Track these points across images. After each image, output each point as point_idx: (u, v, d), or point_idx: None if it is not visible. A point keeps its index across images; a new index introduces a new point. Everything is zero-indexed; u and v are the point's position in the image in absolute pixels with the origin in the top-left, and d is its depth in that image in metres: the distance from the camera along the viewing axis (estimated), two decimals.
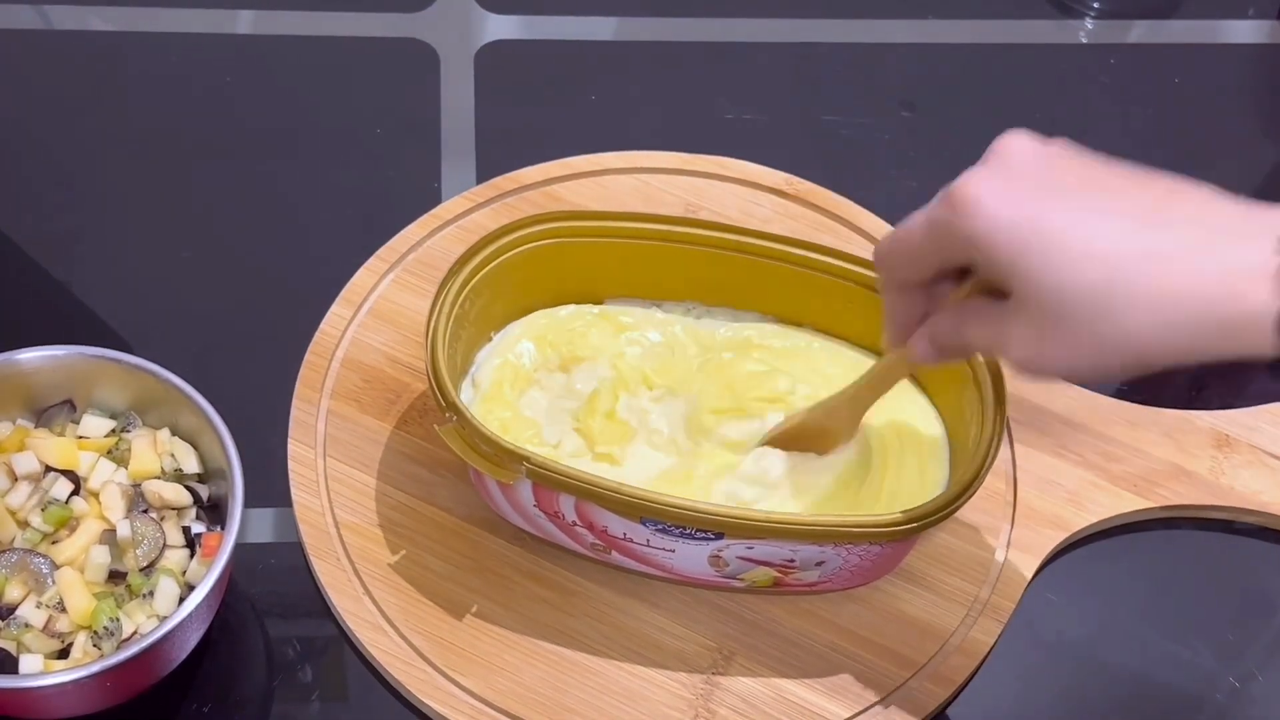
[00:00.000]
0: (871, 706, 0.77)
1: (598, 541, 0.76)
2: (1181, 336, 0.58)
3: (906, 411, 0.81)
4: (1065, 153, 0.62)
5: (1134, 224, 0.58)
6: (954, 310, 0.66)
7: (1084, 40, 1.10)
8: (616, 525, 0.74)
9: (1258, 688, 0.81)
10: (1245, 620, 0.84)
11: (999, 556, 0.82)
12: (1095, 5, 1.10)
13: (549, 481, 0.72)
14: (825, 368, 0.82)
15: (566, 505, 0.74)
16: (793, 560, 0.75)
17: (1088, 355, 0.60)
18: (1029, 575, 0.82)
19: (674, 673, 0.78)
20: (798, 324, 0.84)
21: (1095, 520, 0.84)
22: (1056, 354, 0.60)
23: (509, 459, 0.72)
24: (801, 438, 0.79)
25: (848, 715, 0.77)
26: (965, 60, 1.08)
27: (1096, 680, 0.81)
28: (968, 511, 0.76)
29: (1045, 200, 0.60)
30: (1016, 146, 0.62)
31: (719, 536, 0.73)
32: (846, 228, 0.94)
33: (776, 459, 0.78)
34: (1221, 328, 0.57)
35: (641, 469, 0.79)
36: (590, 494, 0.72)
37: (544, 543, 0.80)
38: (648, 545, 0.75)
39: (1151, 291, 0.58)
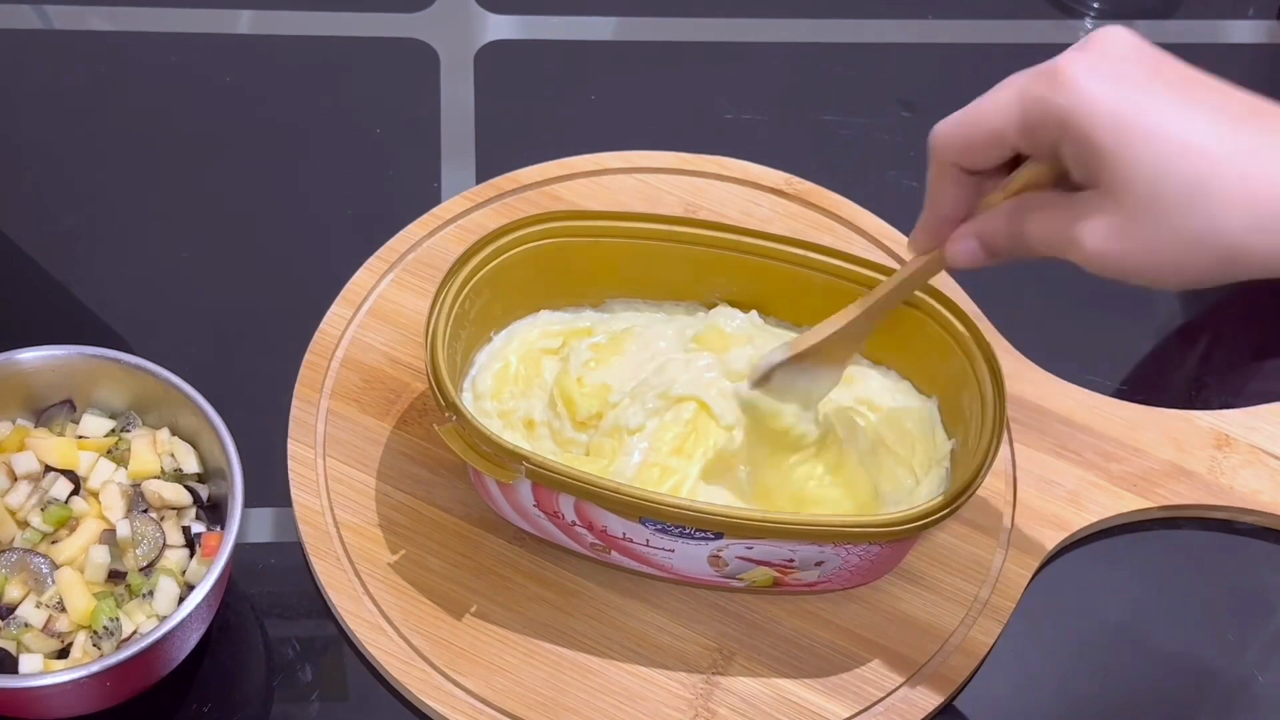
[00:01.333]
0: (871, 706, 0.77)
1: (597, 541, 0.76)
2: (1273, 238, 0.57)
3: (906, 410, 0.81)
4: (1162, 52, 0.61)
5: (1233, 124, 0.58)
6: (1010, 205, 0.63)
7: None
8: (616, 525, 0.74)
9: (1258, 688, 0.81)
10: (1245, 620, 0.84)
11: (999, 556, 0.82)
12: (1095, 5, 1.10)
13: (548, 481, 0.72)
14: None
15: (566, 505, 0.74)
16: (792, 560, 0.75)
17: (1173, 251, 0.58)
18: (1029, 575, 0.82)
19: (674, 673, 0.78)
20: (798, 323, 0.84)
21: (1095, 520, 0.84)
22: (1140, 248, 0.59)
23: (508, 458, 0.72)
24: (816, 354, 0.74)
25: (848, 715, 0.77)
26: (965, 60, 1.08)
27: (1096, 680, 0.81)
28: (968, 511, 0.76)
29: (1148, 89, 0.58)
30: (1117, 38, 0.60)
31: (718, 536, 0.73)
32: (846, 228, 0.94)
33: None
34: None
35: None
36: (589, 494, 0.72)
37: (544, 543, 0.80)
38: (647, 545, 0.75)
39: (1248, 189, 0.57)
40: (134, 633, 0.73)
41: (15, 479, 0.76)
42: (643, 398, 0.78)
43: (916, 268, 0.70)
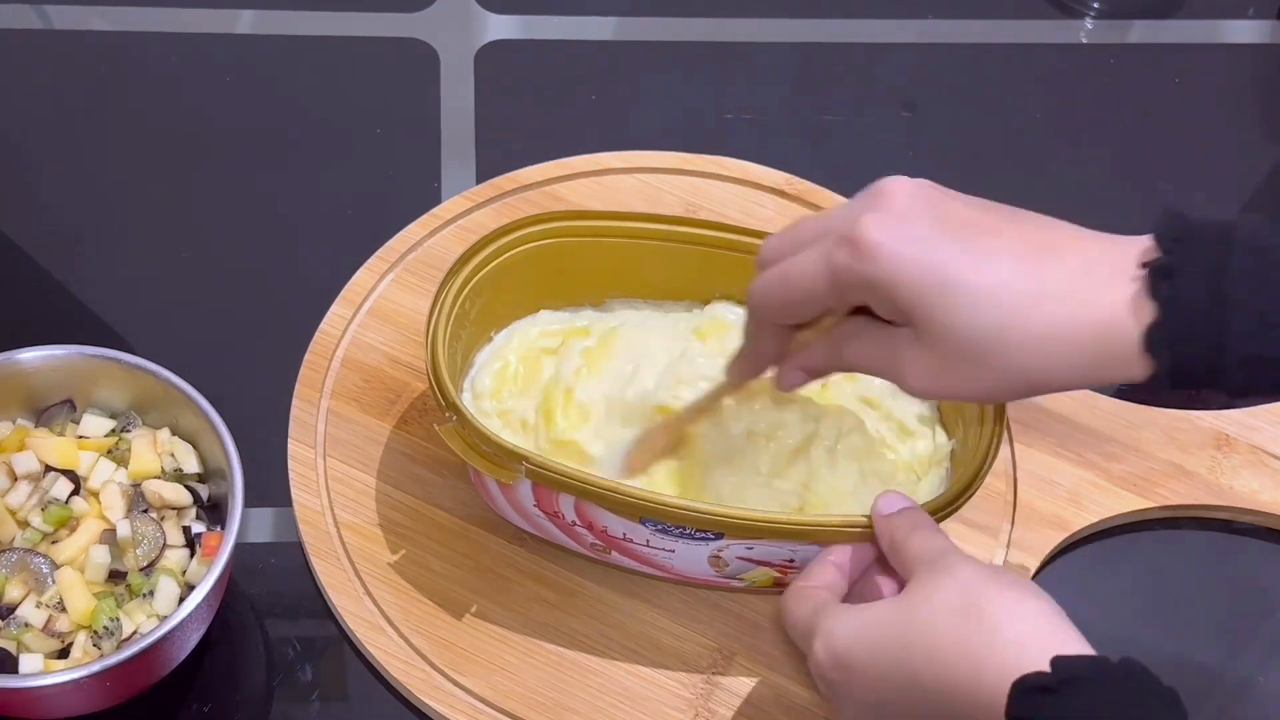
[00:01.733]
0: None
1: (597, 541, 0.76)
2: (1066, 368, 0.63)
3: (906, 409, 0.81)
4: (940, 191, 0.65)
5: (1020, 265, 0.63)
6: (830, 339, 0.69)
7: (1084, 40, 1.10)
8: (616, 525, 0.74)
9: (1258, 688, 0.81)
10: (1245, 620, 0.84)
11: (999, 556, 0.82)
12: (1095, 5, 1.10)
13: (548, 481, 0.72)
14: None
15: (566, 505, 0.74)
16: (792, 560, 0.75)
17: (982, 385, 0.64)
18: (1029, 575, 0.82)
19: (674, 673, 0.78)
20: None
21: (1095, 520, 0.84)
22: (953, 383, 0.65)
23: (509, 459, 0.72)
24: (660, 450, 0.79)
25: None
26: (965, 60, 1.08)
27: None
28: (968, 511, 0.76)
29: (941, 243, 0.63)
30: (898, 188, 0.65)
31: (719, 536, 0.73)
32: None
33: None
34: (1099, 358, 0.62)
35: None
36: (589, 494, 0.72)
37: (544, 543, 0.80)
38: (647, 545, 0.75)
39: (1040, 331, 0.62)
40: (134, 633, 0.72)
41: (15, 479, 0.76)
42: (612, 423, 0.79)
43: (723, 387, 0.76)
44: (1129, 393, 0.89)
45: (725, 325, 0.82)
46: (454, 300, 0.77)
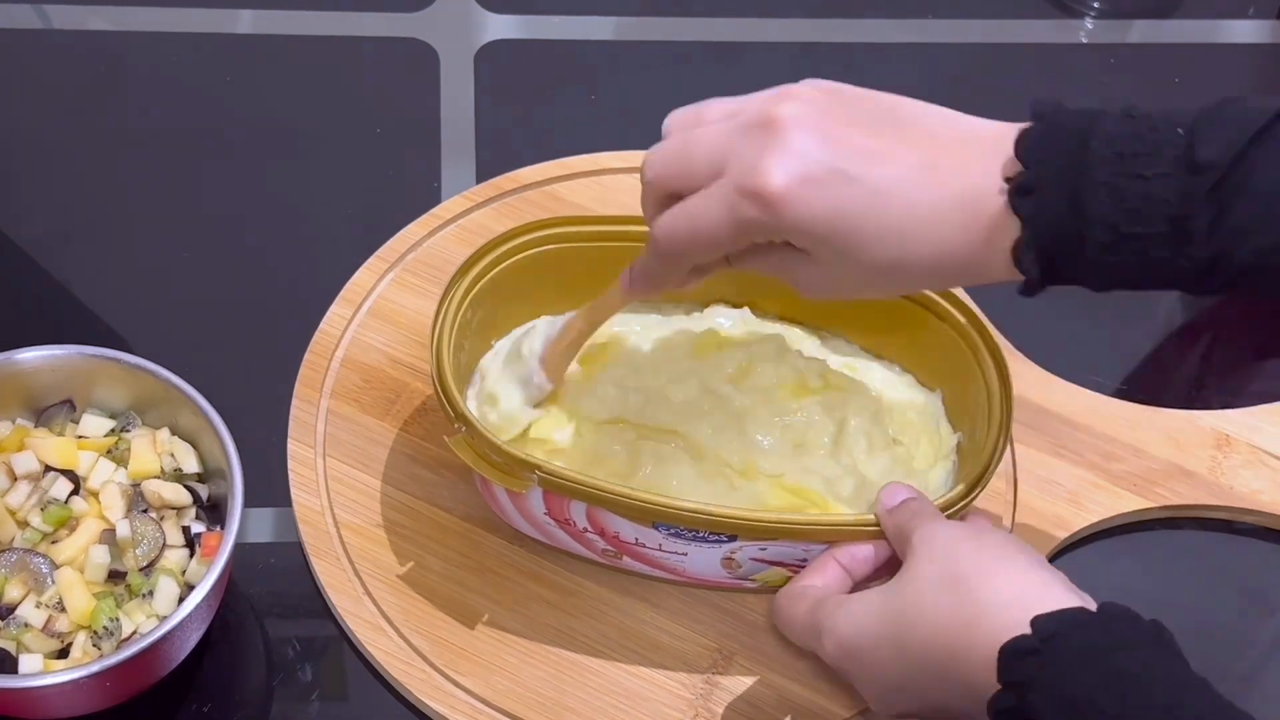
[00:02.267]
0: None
1: (609, 547, 0.76)
2: (949, 279, 0.68)
3: (910, 404, 0.81)
4: (833, 109, 0.67)
5: (911, 190, 0.65)
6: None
7: (1084, 40, 1.10)
8: (628, 530, 0.74)
9: (1258, 688, 0.81)
10: (1245, 620, 0.84)
11: None
12: (1095, 5, 1.10)
13: (561, 489, 0.72)
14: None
15: (578, 512, 0.74)
16: (805, 560, 0.75)
17: (875, 293, 0.71)
18: None
19: (674, 673, 0.78)
20: (798, 322, 0.84)
21: (1095, 520, 0.84)
22: (847, 293, 0.69)
23: (520, 468, 0.72)
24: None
25: (848, 715, 0.77)
26: (965, 60, 1.08)
27: None
28: (968, 511, 0.76)
29: (841, 185, 0.65)
30: (792, 119, 0.66)
31: (732, 539, 0.73)
32: None
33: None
34: (977, 268, 0.66)
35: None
36: (603, 500, 0.72)
37: (544, 543, 0.80)
38: (660, 550, 0.75)
39: (930, 252, 0.65)
40: (134, 633, 0.72)
41: (15, 479, 0.76)
42: None
43: (612, 296, 0.76)
44: (1130, 392, 0.89)
45: (720, 336, 0.82)
46: (457, 309, 0.77)
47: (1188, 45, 1.11)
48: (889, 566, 0.73)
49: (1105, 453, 0.86)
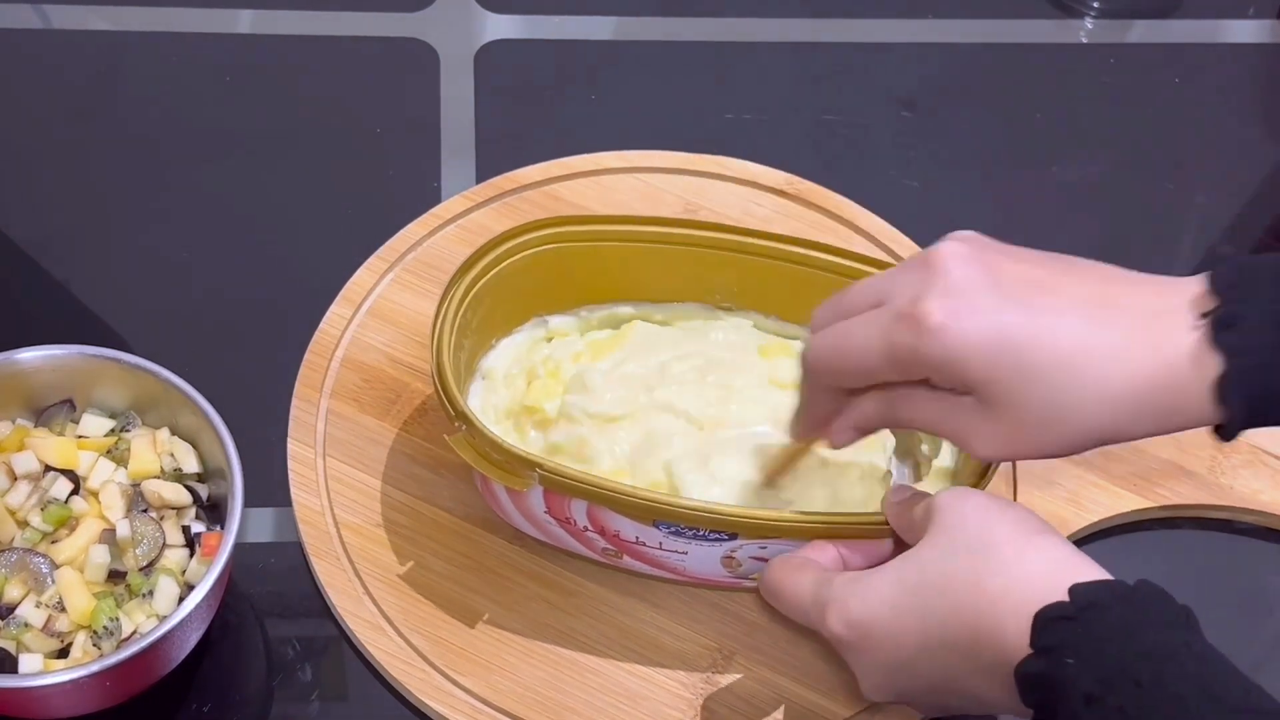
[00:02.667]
0: (871, 706, 0.77)
1: (609, 546, 0.76)
2: (1134, 421, 0.64)
3: None
4: (991, 250, 0.65)
5: (1085, 325, 0.63)
6: (884, 396, 0.68)
7: (1084, 40, 1.10)
8: (629, 529, 0.74)
9: None
10: (1245, 620, 0.84)
11: None
12: (1095, 5, 1.10)
13: (561, 487, 0.72)
14: None
15: (578, 510, 0.74)
16: None
17: (1053, 447, 0.65)
18: None
19: (674, 673, 0.78)
20: (799, 323, 0.84)
21: (1095, 520, 0.84)
22: (1023, 448, 0.65)
23: (521, 466, 0.72)
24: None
25: (848, 715, 0.77)
26: (965, 60, 1.08)
27: None
28: None
29: (1004, 313, 0.63)
30: (950, 259, 0.64)
31: (733, 537, 0.73)
32: (846, 228, 0.94)
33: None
34: (1167, 410, 0.63)
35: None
36: (603, 498, 0.72)
37: (544, 542, 0.80)
38: (660, 548, 0.75)
39: (1111, 392, 0.63)
40: (134, 633, 0.72)
41: (15, 479, 0.76)
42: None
43: (795, 449, 0.76)
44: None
45: (788, 348, 0.82)
46: (457, 309, 0.77)
47: (1188, 45, 1.11)
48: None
49: (1105, 453, 0.86)
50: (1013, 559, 0.63)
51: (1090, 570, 0.63)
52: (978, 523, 0.65)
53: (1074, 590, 0.61)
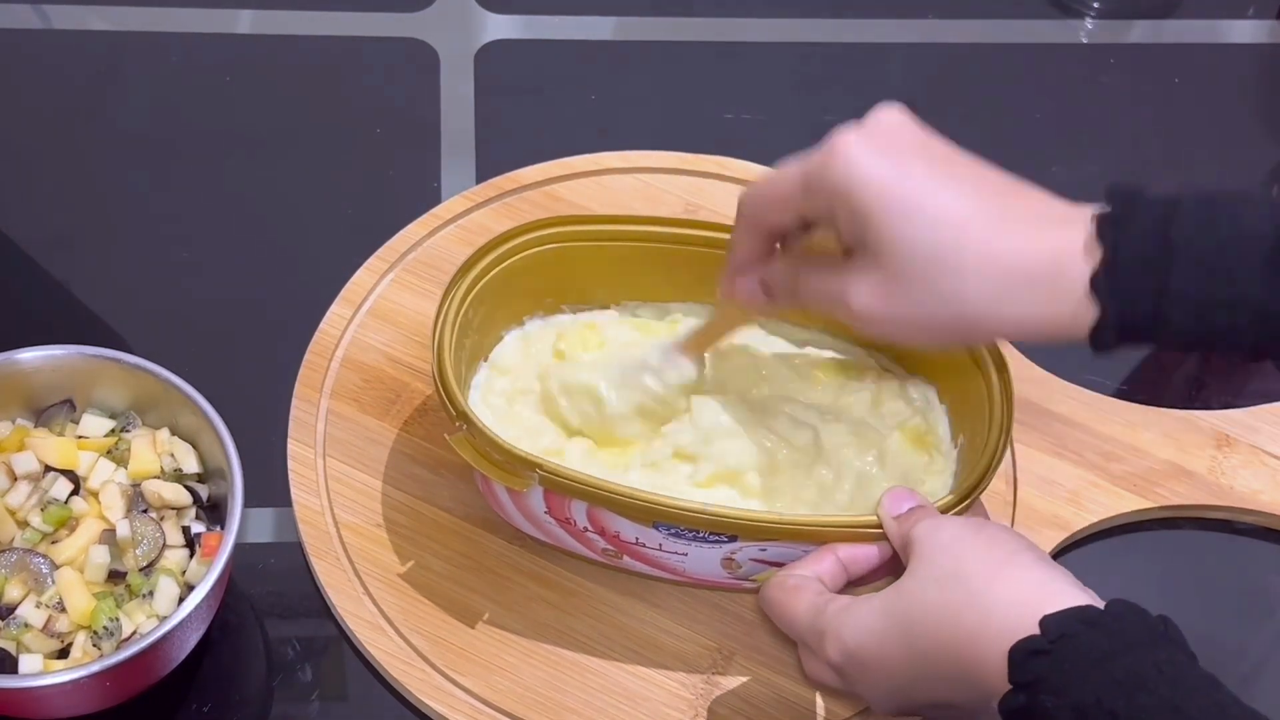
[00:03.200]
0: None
1: (609, 546, 0.76)
2: (1012, 304, 0.65)
3: (912, 406, 0.81)
4: (930, 133, 0.68)
5: (982, 199, 0.65)
6: (792, 260, 0.71)
7: (1084, 40, 1.10)
8: (629, 530, 0.74)
9: (1258, 688, 0.81)
10: (1245, 620, 0.84)
11: None
12: (1095, 5, 1.10)
13: (562, 488, 0.72)
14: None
15: (578, 511, 0.74)
16: None
17: (924, 313, 0.66)
18: None
19: (674, 673, 0.78)
20: (800, 323, 0.84)
21: (1095, 520, 0.84)
22: (896, 306, 0.66)
23: (521, 466, 0.72)
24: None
25: (847, 715, 0.77)
26: (965, 60, 1.08)
27: None
28: (969, 511, 0.76)
29: (910, 164, 0.66)
30: (890, 117, 0.67)
31: (732, 539, 0.73)
32: None
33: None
34: (1045, 298, 0.64)
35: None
36: (603, 499, 0.72)
37: (544, 542, 0.80)
38: (660, 549, 0.75)
39: (990, 257, 0.64)
40: (134, 633, 0.72)
41: (15, 479, 0.76)
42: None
43: (722, 312, 0.78)
44: (1130, 392, 0.89)
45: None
46: (458, 308, 0.77)
47: (1188, 45, 1.11)
48: (890, 567, 0.73)
49: (1105, 453, 0.86)
50: (983, 591, 0.64)
51: (1064, 593, 0.63)
52: (952, 555, 0.66)
53: (1044, 622, 0.61)
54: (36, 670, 0.71)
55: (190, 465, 0.77)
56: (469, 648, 0.78)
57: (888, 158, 0.65)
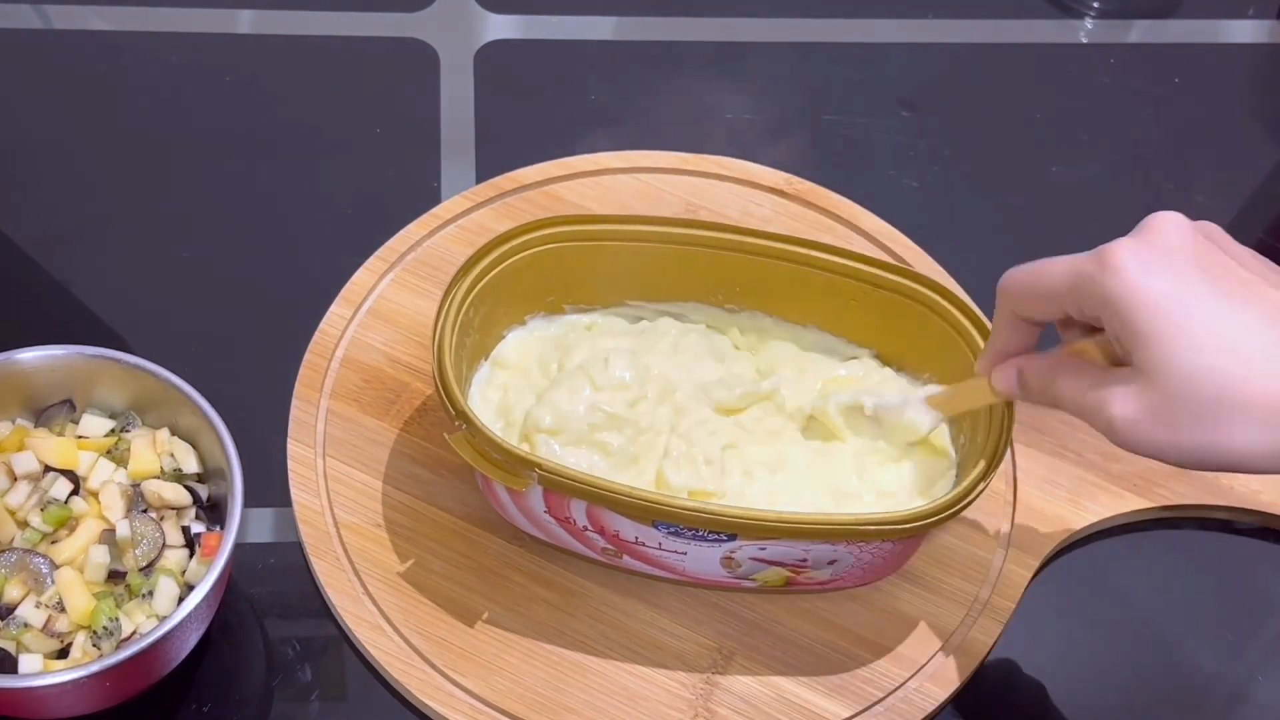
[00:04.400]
0: (871, 706, 0.77)
1: (609, 546, 0.76)
2: (1273, 459, 0.61)
3: (912, 404, 0.82)
4: (1212, 237, 0.65)
5: (1270, 330, 0.61)
6: (1052, 358, 0.69)
7: (1084, 40, 1.10)
8: (629, 529, 0.74)
9: (1258, 688, 0.81)
10: (1245, 620, 0.84)
11: (999, 557, 0.82)
12: (1095, 5, 1.11)
13: (561, 487, 0.72)
14: (820, 365, 0.83)
15: (578, 510, 0.74)
16: (805, 560, 0.75)
17: (1190, 439, 0.62)
18: (1029, 575, 0.82)
19: (674, 673, 0.78)
20: (800, 323, 0.84)
21: (1095, 520, 0.84)
22: (1159, 432, 0.62)
23: (521, 466, 0.72)
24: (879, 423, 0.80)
25: (848, 715, 0.77)
26: (965, 60, 1.08)
27: (1096, 680, 0.81)
28: (968, 511, 0.76)
29: (1190, 284, 0.62)
30: (1170, 226, 0.64)
31: (732, 538, 0.73)
32: (846, 228, 0.94)
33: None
34: None
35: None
36: (603, 498, 0.72)
37: (544, 543, 0.80)
38: (659, 548, 0.75)
39: (1269, 398, 0.60)
40: (134, 633, 0.72)
41: (15, 479, 0.76)
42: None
43: (973, 384, 0.75)
44: None
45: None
46: (459, 308, 0.77)
47: (1188, 45, 1.11)
48: (903, 554, 0.72)
49: (1105, 453, 0.86)
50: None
51: None
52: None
53: None
54: (36, 670, 0.71)
55: (190, 465, 0.77)
56: (469, 648, 0.78)
57: (1166, 275, 0.62)
